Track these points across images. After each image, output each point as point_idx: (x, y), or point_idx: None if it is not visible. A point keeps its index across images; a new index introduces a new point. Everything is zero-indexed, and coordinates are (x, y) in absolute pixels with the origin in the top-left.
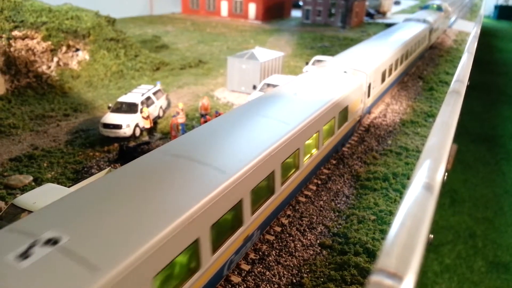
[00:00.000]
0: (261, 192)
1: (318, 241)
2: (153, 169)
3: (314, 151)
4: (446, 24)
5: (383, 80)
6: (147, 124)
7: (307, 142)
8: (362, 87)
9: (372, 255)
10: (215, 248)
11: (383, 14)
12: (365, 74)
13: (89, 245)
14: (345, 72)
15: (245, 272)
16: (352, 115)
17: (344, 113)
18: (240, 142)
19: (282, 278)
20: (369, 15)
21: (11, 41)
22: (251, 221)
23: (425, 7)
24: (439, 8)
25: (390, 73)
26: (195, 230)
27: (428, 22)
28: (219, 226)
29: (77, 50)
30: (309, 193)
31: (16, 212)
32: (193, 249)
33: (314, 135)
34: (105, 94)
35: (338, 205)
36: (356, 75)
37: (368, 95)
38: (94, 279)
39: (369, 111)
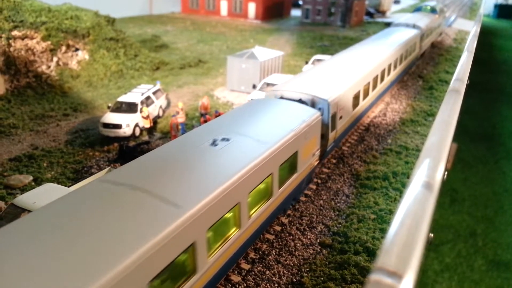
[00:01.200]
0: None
1: (318, 240)
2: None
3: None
4: (442, 27)
5: (355, 105)
6: (147, 124)
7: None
8: (319, 122)
9: (372, 254)
10: None
11: (382, 13)
12: (326, 102)
13: None
14: (300, 100)
15: (245, 272)
16: (304, 164)
17: (290, 163)
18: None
19: (282, 277)
20: (369, 14)
21: (10, 41)
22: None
23: (417, 9)
24: (433, 10)
25: (366, 94)
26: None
27: (419, 27)
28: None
29: (77, 49)
30: (309, 192)
31: (16, 212)
32: None
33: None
34: (105, 94)
35: (338, 204)
36: (314, 105)
37: (333, 128)
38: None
39: (338, 145)
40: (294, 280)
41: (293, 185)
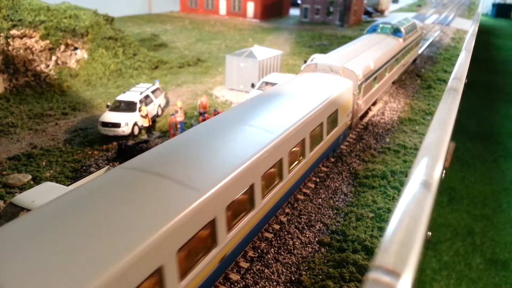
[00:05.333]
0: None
1: (316, 239)
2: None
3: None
4: (417, 51)
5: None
6: (146, 123)
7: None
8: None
9: (370, 252)
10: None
11: (381, 12)
12: None
13: None
14: None
15: (244, 270)
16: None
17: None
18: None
19: (281, 275)
20: (367, 13)
21: (9, 40)
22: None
23: (372, 29)
24: (395, 32)
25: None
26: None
27: (353, 73)
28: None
29: (76, 48)
30: (308, 191)
31: (14, 211)
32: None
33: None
34: (104, 93)
35: (337, 203)
36: None
37: None
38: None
39: None
40: (293, 278)
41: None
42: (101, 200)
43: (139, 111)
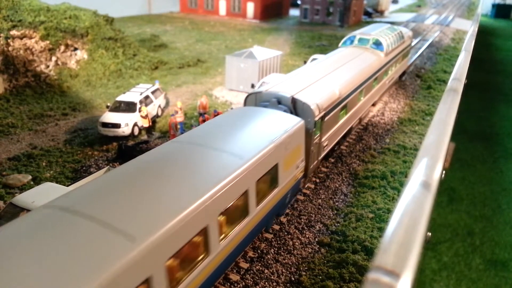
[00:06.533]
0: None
1: (316, 239)
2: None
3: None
4: (404, 64)
5: None
6: (146, 123)
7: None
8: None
9: (370, 253)
10: None
11: (381, 13)
12: None
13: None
14: None
15: (244, 270)
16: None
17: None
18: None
19: (281, 276)
20: (367, 14)
21: (9, 41)
22: None
23: (349, 40)
24: (376, 44)
25: None
26: None
27: (308, 107)
28: None
29: (76, 49)
30: (308, 192)
31: (14, 211)
32: None
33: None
34: (104, 93)
35: (337, 203)
36: None
37: None
38: None
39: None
40: (293, 279)
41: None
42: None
43: (139, 111)
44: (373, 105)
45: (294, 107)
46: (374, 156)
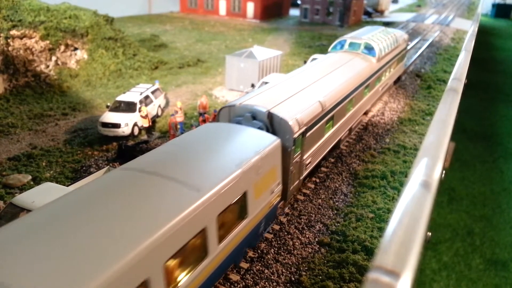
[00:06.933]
0: None
1: (316, 239)
2: None
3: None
4: (399, 69)
5: None
6: (146, 123)
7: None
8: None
9: (370, 252)
10: None
11: (381, 12)
12: None
13: None
14: None
15: (244, 270)
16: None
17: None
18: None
19: (281, 276)
20: (367, 13)
21: (9, 40)
22: None
23: (338, 46)
24: (368, 49)
25: None
26: None
27: (286, 123)
28: None
29: (76, 49)
30: (308, 191)
31: (14, 211)
32: None
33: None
34: (104, 93)
35: (337, 203)
36: None
37: None
38: None
39: None
40: (293, 279)
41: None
42: None
43: (139, 111)
44: (365, 113)
45: (271, 122)
46: (374, 156)
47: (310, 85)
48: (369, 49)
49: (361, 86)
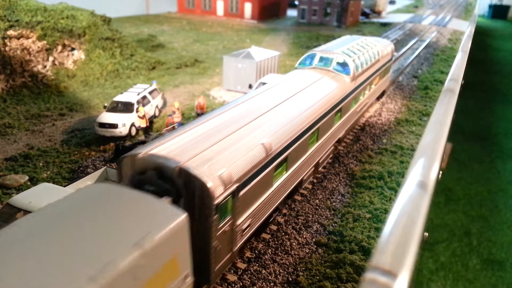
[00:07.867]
0: None
1: (313, 240)
2: None
3: None
4: (383, 85)
5: None
6: (143, 124)
7: None
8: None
9: (367, 253)
10: None
11: (378, 13)
12: None
13: None
14: None
15: (241, 271)
16: None
17: None
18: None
19: (278, 276)
20: (365, 14)
21: (6, 41)
22: None
23: (309, 59)
24: (341, 66)
25: None
26: None
27: (203, 185)
28: None
29: (73, 49)
30: (305, 192)
31: (11, 212)
32: None
33: None
34: (101, 94)
35: (334, 204)
36: None
37: None
38: None
39: None
40: (290, 279)
41: None
42: None
43: (137, 112)
44: (338, 141)
45: (185, 183)
46: (371, 157)
47: (252, 121)
48: (343, 65)
49: (330, 112)
